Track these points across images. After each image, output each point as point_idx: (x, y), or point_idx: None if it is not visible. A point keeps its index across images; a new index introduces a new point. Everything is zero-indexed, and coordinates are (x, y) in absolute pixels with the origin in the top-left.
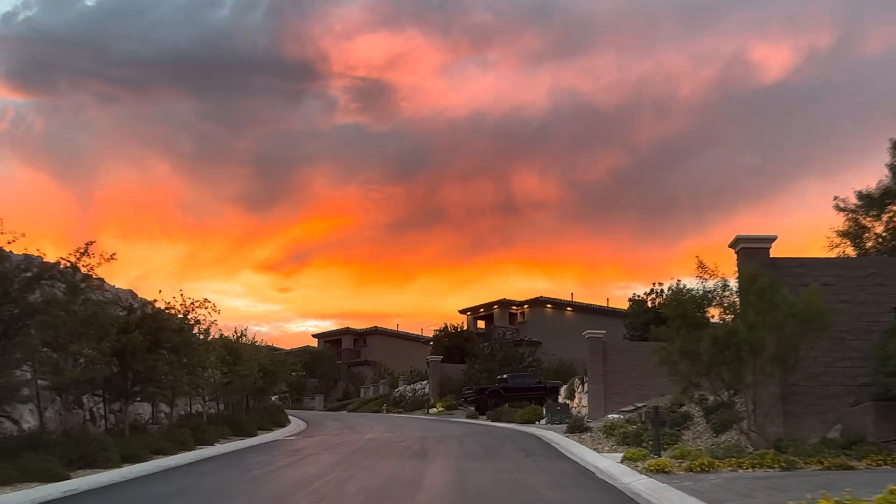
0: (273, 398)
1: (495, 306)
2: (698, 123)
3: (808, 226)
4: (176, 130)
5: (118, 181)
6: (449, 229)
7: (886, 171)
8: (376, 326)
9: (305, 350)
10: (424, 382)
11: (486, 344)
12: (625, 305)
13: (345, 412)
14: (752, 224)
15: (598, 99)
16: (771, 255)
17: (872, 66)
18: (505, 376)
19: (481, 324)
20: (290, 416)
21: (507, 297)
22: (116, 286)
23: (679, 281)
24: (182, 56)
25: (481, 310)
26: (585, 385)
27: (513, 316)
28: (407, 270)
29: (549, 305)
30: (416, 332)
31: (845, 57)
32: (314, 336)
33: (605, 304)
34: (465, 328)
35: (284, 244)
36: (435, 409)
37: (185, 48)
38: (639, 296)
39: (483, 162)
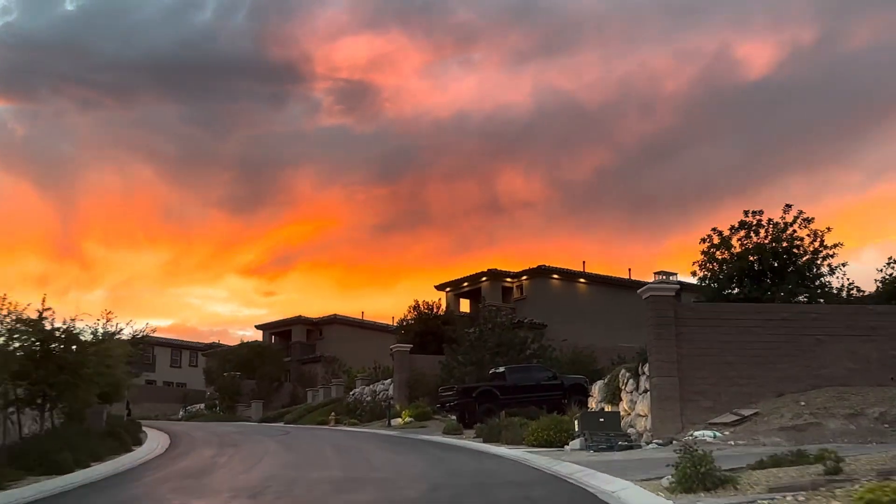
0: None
1: (483, 278)
2: (682, 120)
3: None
4: (159, 135)
5: (101, 187)
6: (434, 230)
7: None
8: (335, 315)
9: (242, 346)
10: (388, 381)
11: (472, 329)
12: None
13: (279, 425)
14: (736, 219)
15: (583, 97)
16: None
17: (855, 61)
18: (501, 369)
19: (465, 304)
20: (156, 433)
21: (498, 268)
22: None
23: None
24: (164, 59)
25: (465, 284)
26: (644, 379)
27: (507, 291)
28: (392, 272)
29: (554, 276)
30: (385, 322)
31: (829, 52)
32: (258, 327)
33: (626, 277)
34: (445, 309)
35: (269, 247)
36: (400, 420)
37: (168, 51)
38: (715, 235)
39: (468, 162)
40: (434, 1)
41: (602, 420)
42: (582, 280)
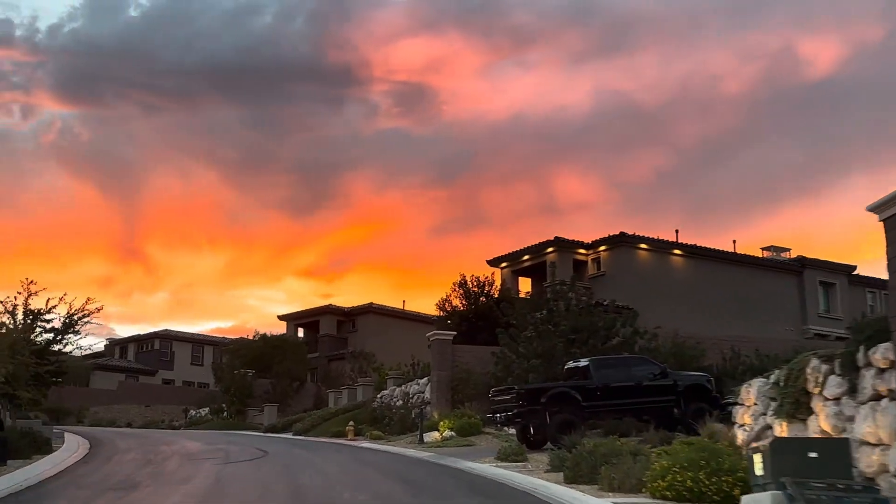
0: None
1: (549, 249)
2: (743, 121)
3: (854, 222)
4: (219, 139)
5: (163, 190)
6: (491, 233)
7: None
8: (371, 304)
9: (258, 339)
10: (424, 381)
11: (539, 314)
12: None
13: (285, 437)
14: (797, 221)
15: (641, 98)
16: None
17: None
18: (583, 362)
19: (525, 282)
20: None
21: (565, 237)
22: None
23: None
24: (225, 64)
25: (525, 258)
26: (870, 375)
27: (579, 266)
28: (449, 275)
29: (641, 247)
30: (429, 314)
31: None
32: (281, 318)
33: (731, 250)
34: (499, 287)
35: (327, 250)
36: (437, 434)
37: (229, 56)
38: None
39: (524, 164)
40: (491, 2)
41: (815, 456)
42: (677, 252)
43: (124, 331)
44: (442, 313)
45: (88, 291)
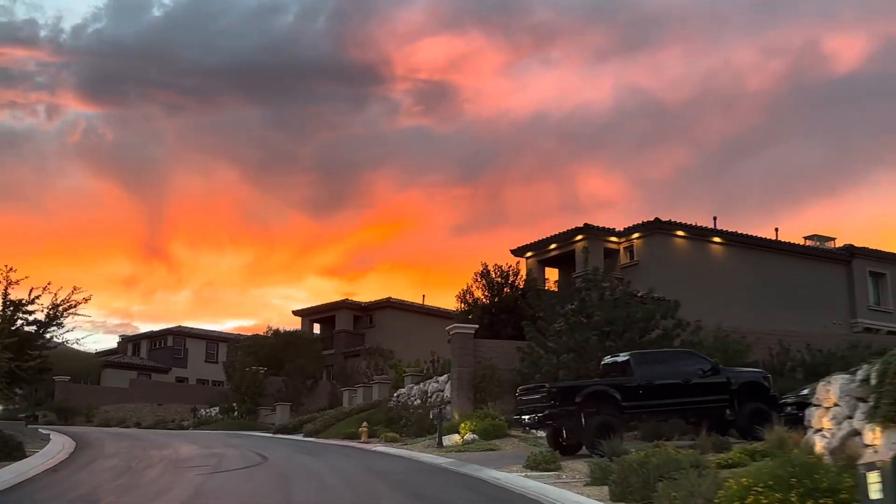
0: None
1: (578, 237)
2: (768, 117)
3: (880, 218)
4: (242, 138)
5: (186, 189)
6: (513, 231)
7: None
8: (389, 298)
9: (270, 335)
10: (444, 378)
11: (569, 305)
12: None
13: (294, 438)
14: (822, 217)
15: (664, 95)
16: None
17: None
18: (625, 357)
19: (552, 273)
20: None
21: (593, 224)
22: None
23: None
24: (247, 64)
25: (552, 247)
26: None
27: (610, 255)
28: (472, 273)
29: (678, 234)
30: (450, 308)
31: None
32: (296, 313)
33: (772, 237)
34: (525, 277)
35: (348, 249)
36: (457, 437)
37: (251, 56)
38: None
39: (547, 162)
40: (512, 0)
41: None
42: (716, 240)
43: (148, 329)
44: (463, 305)
45: (112, 291)
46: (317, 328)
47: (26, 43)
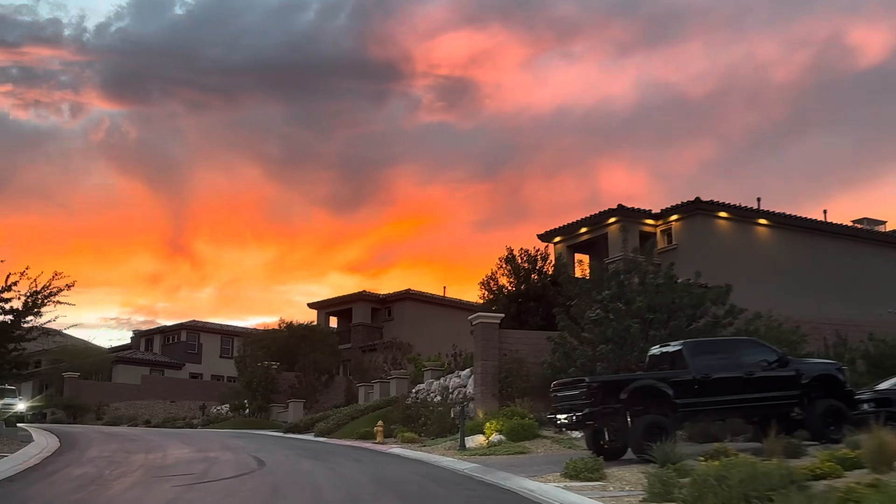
0: None
1: (611, 220)
2: (791, 110)
3: None
4: (264, 135)
5: (209, 186)
6: (535, 226)
7: None
8: (408, 290)
9: (284, 329)
10: (465, 372)
11: (606, 291)
12: None
13: (305, 438)
14: (846, 210)
15: (687, 89)
16: None
17: None
18: (677, 346)
19: (582, 259)
20: None
21: (631, 206)
22: None
23: None
24: (269, 61)
25: (582, 231)
26: None
27: (646, 238)
28: (493, 268)
29: (720, 215)
30: (472, 301)
31: None
32: (311, 306)
33: (821, 219)
34: (553, 263)
35: (370, 245)
36: (482, 438)
37: (273, 53)
38: None
39: (569, 157)
40: None
41: None
42: (761, 222)
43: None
44: (487, 293)
45: (137, 288)
46: (333, 322)
47: (50, 42)
